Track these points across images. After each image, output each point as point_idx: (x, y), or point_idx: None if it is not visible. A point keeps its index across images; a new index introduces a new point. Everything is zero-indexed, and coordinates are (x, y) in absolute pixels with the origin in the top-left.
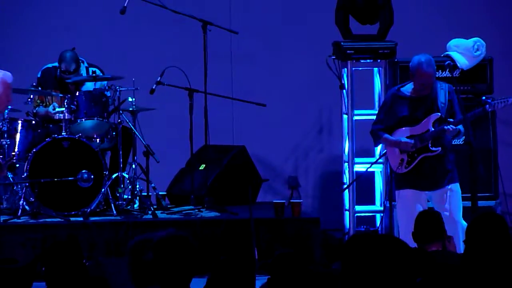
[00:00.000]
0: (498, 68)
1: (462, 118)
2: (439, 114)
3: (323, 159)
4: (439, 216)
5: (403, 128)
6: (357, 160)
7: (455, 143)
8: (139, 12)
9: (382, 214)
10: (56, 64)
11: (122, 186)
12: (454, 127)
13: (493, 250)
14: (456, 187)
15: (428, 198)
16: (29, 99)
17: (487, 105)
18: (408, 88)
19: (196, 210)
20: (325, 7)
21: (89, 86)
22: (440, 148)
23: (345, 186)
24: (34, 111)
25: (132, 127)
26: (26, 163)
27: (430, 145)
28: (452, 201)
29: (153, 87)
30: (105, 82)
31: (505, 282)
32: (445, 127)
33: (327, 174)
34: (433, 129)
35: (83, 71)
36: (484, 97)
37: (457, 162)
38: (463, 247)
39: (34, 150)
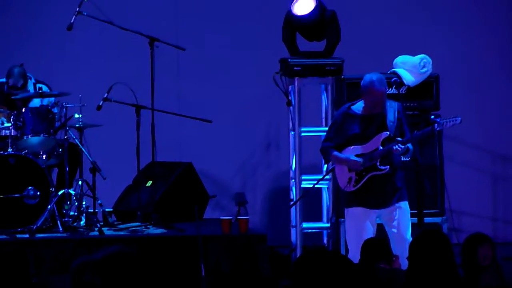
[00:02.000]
0: (444, 84)
1: (410, 137)
2: (388, 133)
3: (270, 175)
4: (384, 242)
5: (353, 147)
6: (304, 176)
7: (402, 159)
8: (86, 28)
9: (329, 231)
10: (3, 79)
11: (68, 202)
12: (402, 146)
13: (435, 266)
14: (405, 205)
15: (377, 215)
16: None
17: (436, 124)
18: (358, 106)
19: (143, 227)
20: (273, 24)
21: (36, 102)
22: (388, 166)
23: (292, 202)
24: None
25: (79, 144)
26: None
27: (378, 163)
28: (401, 219)
29: (100, 104)
30: (53, 98)
31: None
32: (393, 147)
33: (275, 190)
34: (381, 147)
35: (30, 88)
36: (433, 116)
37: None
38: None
39: None
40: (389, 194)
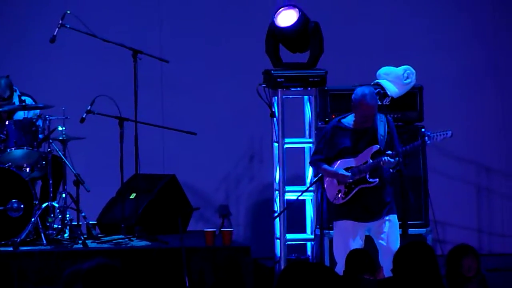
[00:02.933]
0: (428, 95)
1: (400, 150)
2: (378, 146)
3: (254, 187)
4: (368, 253)
5: (343, 160)
6: (288, 188)
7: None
8: (69, 40)
9: (312, 242)
10: None
11: (52, 215)
12: (392, 160)
13: (420, 277)
14: (394, 218)
15: (366, 229)
16: None
17: (426, 138)
18: (349, 120)
19: (127, 239)
20: (256, 36)
21: (20, 115)
22: (377, 179)
23: (276, 214)
24: None
25: (62, 156)
26: None
27: (367, 176)
28: (390, 232)
29: (83, 116)
30: (38, 111)
31: None
32: (383, 158)
33: (259, 202)
34: (371, 161)
35: (15, 100)
36: (423, 129)
37: None
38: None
39: None
40: (379, 208)
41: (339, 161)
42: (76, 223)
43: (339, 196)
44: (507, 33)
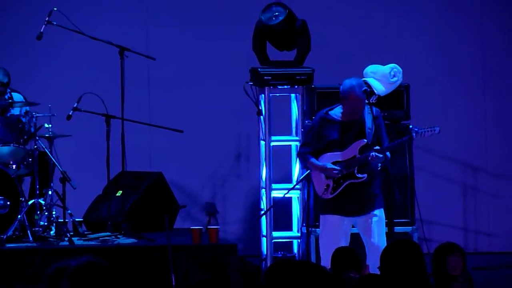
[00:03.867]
0: (414, 94)
1: (387, 146)
2: (366, 140)
3: (241, 185)
4: (354, 251)
5: (330, 153)
6: (274, 186)
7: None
8: (56, 37)
9: (299, 240)
10: None
11: (38, 212)
12: (378, 155)
13: (406, 275)
14: (381, 213)
15: (353, 224)
16: None
17: (414, 133)
18: (336, 112)
19: (113, 237)
20: (243, 33)
21: (16, 111)
22: (366, 175)
23: (262, 212)
24: None
25: (49, 154)
26: None
27: (356, 171)
28: (377, 229)
29: (70, 113)
30: (28, 107)
31: None
32: (371, 154)
33: (245, 200)
34: (359, 155)
35: (6, 96)
36: (411, 126)
37: None
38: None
39: None
40: (366, 201)
41: (326, 154)
42: (62, 220)
43: (327, 191)
44: (496, 32)
